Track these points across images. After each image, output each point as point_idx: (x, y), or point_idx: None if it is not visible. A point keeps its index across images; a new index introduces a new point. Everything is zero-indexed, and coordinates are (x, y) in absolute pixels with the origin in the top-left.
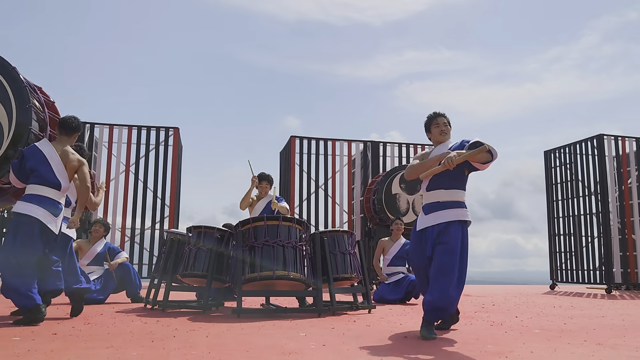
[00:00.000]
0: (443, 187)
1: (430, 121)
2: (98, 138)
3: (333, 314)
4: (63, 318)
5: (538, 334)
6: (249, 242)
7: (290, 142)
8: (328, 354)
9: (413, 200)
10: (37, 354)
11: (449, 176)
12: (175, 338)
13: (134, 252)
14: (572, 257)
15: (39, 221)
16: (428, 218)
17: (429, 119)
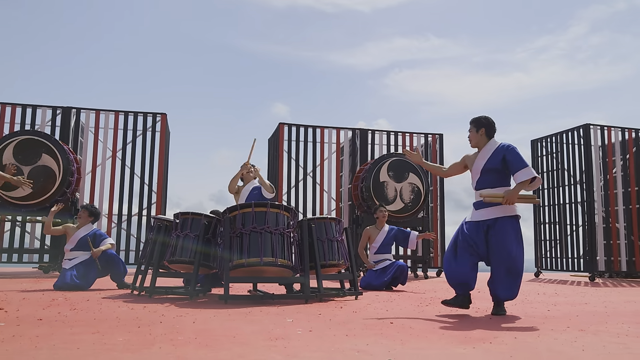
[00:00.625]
0: (490, 186)
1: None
2: (84, 123)
3: (320, 300)
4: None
5: (522, 321)
6: (237, 229)
7: (278, 129)
8: (314, 339)
9: (401, 188)
10: (22, 339)
11: (496, 176)
12: (161, 324)
13: (120, 238)
14: (556, 245)
15: None
16: (478, 213)
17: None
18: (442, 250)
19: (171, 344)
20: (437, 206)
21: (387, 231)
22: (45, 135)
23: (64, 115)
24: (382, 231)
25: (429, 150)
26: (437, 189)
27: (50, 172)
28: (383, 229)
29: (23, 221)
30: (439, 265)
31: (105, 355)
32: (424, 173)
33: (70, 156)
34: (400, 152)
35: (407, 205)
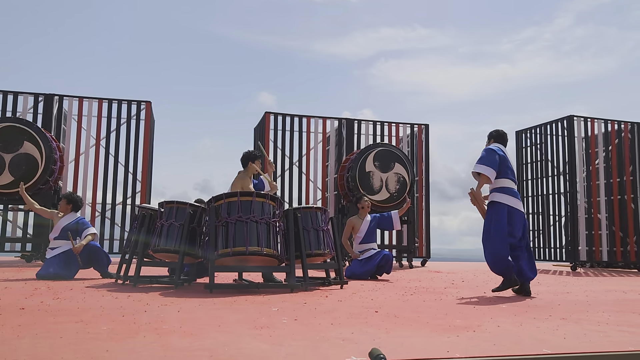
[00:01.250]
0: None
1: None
2: (67, 111)
3: (305, 289)
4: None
5: (505, 309)
6: (222, 218)
7: (264, 118)
8: (299, 328)
9: (386, 178)
10: (4, 328)
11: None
12: (146, 313)
13: (104, 227)
14: (539, 235)
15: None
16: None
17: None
18: (427, 240)
19: (155, 332)
20: (423, 196)
21: (369, 220)
22: (27, 123)
23: (47, 102)
24: (365, 221)
25: (415, 140)
26: (422, 179)
27: (32, 160)
28: (366, 218)
29: (5, 210)
30: (423, 254)
31: (89, 344)
32: (410, 163)
33: (52, 144)
34: (386, 142)
35: (392, 195)
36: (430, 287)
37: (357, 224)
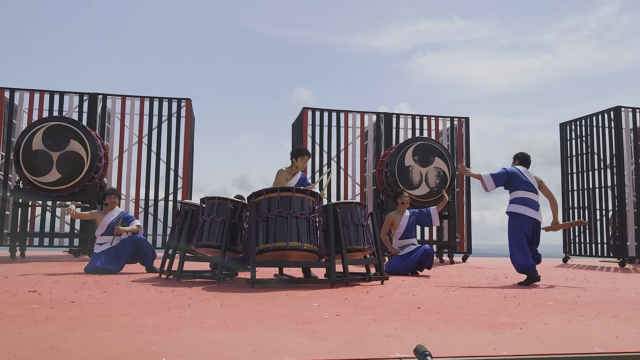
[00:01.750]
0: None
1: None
2: (110, 109)
3: (346, 285)
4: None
5: (552, 306)
6: (263, 213)
7: (302, 113)
8: (342, 323)
9: (426, 173)
10: (56, 321)
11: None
12: (190, 307)
13: (148, 223)
14: (585, 231)
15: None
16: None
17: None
18: (468, 235)
19: (200, 326)
20: (463, 191)
21: (408, 216)
22: (73, 122)
23: (91, 101)
24: (404, 216)
25: (455, 134)
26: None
27: (78, 157)
28: (405, 214)
29: (53, 206)
30: (465, 250)
31: (136, 337)
32: (450, 157)
33: (97, 142)
34: (425, 136)
35: (432, 190)
36: (472, 283)
37: (396, 220)
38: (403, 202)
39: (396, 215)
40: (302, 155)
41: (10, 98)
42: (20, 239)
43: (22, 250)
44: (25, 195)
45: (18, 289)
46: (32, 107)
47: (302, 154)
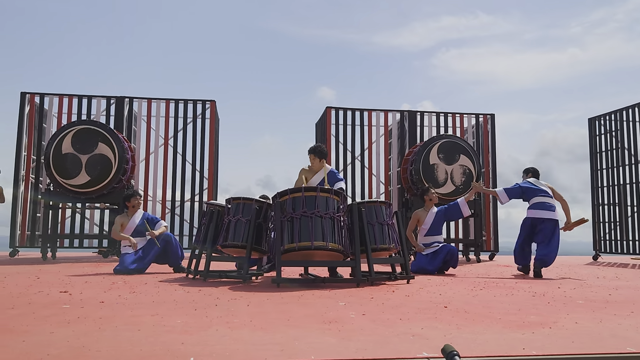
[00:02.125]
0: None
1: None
2: (137, 112)
3: (371, 284)
4: (109, 287)
5: (582, 305)
6: (288, 213)
7: (325, 113)
8: (368, 323)
9: (451, 170)
10: (87, 320)
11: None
12: (217, 307)
13: (174, 223)
14: (616, 227)
15: None
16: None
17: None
18: (494, 233)
19: (227, 326)
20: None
21: (435, 212)
22: (101, 125)
23: (118, 104)
24: (431, 213)
25: (480, 131)
26: (488, 170)
27: (106, 160)
28: (431, 210)
29: (82, 208)
30: (491, 248)
31: (165, 336)
32: (476, 155)
33: (124, 144)
34: (450, 134)
35: (458, 188)
36: (500, 282)
37: (422, 216)
38: (430, 198)
39: (423, 212)
40: (308, 154)
41: (40, 103)
42: (51, 241)
43: (53, 251)
44: (56, 197)
45: (50, 290)
46: (61, 111)
47: (308, 153)
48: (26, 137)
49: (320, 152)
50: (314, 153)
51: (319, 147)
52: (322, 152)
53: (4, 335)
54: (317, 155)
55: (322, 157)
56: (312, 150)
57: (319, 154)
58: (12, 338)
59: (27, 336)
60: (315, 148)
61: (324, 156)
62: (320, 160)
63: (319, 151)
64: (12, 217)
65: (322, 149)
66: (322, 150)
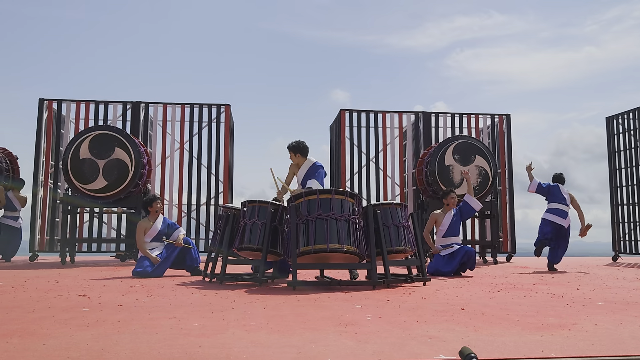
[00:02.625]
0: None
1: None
2: (152, 117)
3: (387, 286)
4: (127, 291)
5: (602, 307)
6: (303, 216)
7: (340, 115)
8: (385, 325)
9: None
10: (106, 324)
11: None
12: (234, 310)
13: (190, 227)
14: (636, 228)
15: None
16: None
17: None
18: (512, 234)
19: (244, 329)
20: (506, 189)
21: (452, 215)
22: (117, 130)
23: (134, 109)
24: (449, 214)
25: (496, 131)
26: (504, 171)
27: (123, 165)
28: (449, 212)
29: (100, 212)
30: (509, 249)
31: (182, 339)
32: (492, 155)
33: (141, 149)
34: (465, 135)
35: (474, 189)
36: (517, 284)
37: (439, 218)
38: (448, 203)
39: (440, 213)
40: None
41: (57, 109)
42: (70, 245)
43: (71, 255)
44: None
45: (69, 293)
46: (78, 117)
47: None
48: (44, 143)
49: (293, 147)
50: (288, 149)
51: (293, 142)
52: (295, 147)
53: (25, 338)
54: (292, 151)
55: (297, 151)
56: (288, 146)
57: (293, 149)
58: (33, 341)
59: (48, 339)
60: (289, 144)
61: (298, 150)
62: (296, 155)
63: (292, 146)
64: (31, 222)
65: (294, 144)
66: (295, 145)
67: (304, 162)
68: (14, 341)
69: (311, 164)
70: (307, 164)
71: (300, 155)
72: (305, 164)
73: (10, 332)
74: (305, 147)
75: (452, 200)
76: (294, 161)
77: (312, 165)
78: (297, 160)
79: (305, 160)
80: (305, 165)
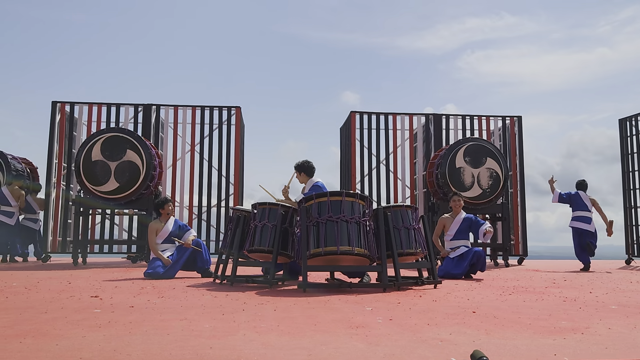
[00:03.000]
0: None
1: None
2: (164, 119)
3: (398, 289)
4: (138, 292)
5: (615, 310)
6: (313, 218)
7: (350, 117)
8: (395, 328)
9: (478, 174)
10: (117, 325)
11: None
12: (244, 311)
13: (201, 229)
14: None
15: None
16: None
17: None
18: (523, 237)
19: (254, 331)
20: (517, 191)
21: (462, 219)
22: (129, 132)
23: (145, 112)
24: (458, 218)
25: (507, 133)
26: (516, 173)
27: (134, 167)
28: (459, 216)
29: (112, 214)
30: (520, 252)
31: (193, 341)
32: (503, 158)
33: (152, 151)
34: (476, 137)
35: (485, 192)
36: (529, 287)
37: (447, 222)
38: (452, 205)
39: (449, 218)
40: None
41: (70, 111)
42: (82, 246)
43: (83, 257)
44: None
45: (81, 295)
46: (90, 119)
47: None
48: (57, 145)
49: (298, 166)
50: (295, 168)
51: (299, 162)
52: (300, 167)
53: (39, 338)
54: (297, 170)
55: (301, 170)
56: (294, 165)
57: (298, 169)
58: (46, 342)
59: (60, 340)
60: (296, 163)
61: (303, 170)
62: (301, 174)
63: (297, 166)
64: (44, 223)
65: (299, 163)
66: (300, 164)
67: (307, 181)
68: (28, 341)
69: (312, 183)
70: (310, 183)
71: (305, 174)
72: (308, 183)
73: (23, 333)
74: (309, 167)
75: (455, 204)
76: (300, 180)
77: (313, 185)
78: (302, 179)
79: (308, 180)
80: (308, 184)
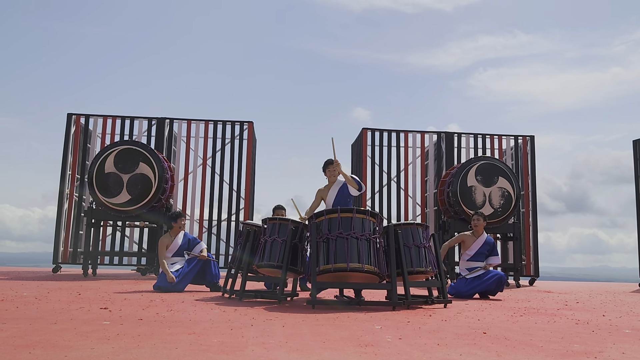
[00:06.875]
0: None
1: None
2: (177, 133)
3: (408, 307)
4: (147, 305)
5: (629, 334)
6: (323, 234)
7: (361, 134)
8: (405, 347)
9: (490, 193)
10: (126, 337)
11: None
12: (253, 327)
13: (211, 242)
14: None
15: None
16: None
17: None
18: (534, 257)
19: (263, 347)
20: (529, 211)
21: (482, 242)
22: (142, 145)
23: (159, 125)
24: (480, 239)
25: (520, 153)
26: (528, 193)
27: (147, 179)
28: (480, 238)
29: (123, 226)
30: (531, 273)
31: (202, 356)
32: (515, 177)
33: (164, 164)
34: (488, 156)
35: (496, 211)
36: (541, 308)
37: (468, 240)
38: (473, 225)
39: (470, 236)
40: (326, 167)
41: (85, 124)
42: (92, 258)
43: (94, 268)
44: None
45: (91, 306)
46: (104, 132)
47: (326, 166)
48: (71, 156)
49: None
50: (330, 163)
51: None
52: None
53: (48, 350)
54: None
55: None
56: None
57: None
58: (55, 353)
59: (70, 351)
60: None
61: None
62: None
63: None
64: (55, 234)
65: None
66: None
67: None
68: (37, 352)
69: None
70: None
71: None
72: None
73: (33, 343)
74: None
75: (475, 223)
76: (338, 170)
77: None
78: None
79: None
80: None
